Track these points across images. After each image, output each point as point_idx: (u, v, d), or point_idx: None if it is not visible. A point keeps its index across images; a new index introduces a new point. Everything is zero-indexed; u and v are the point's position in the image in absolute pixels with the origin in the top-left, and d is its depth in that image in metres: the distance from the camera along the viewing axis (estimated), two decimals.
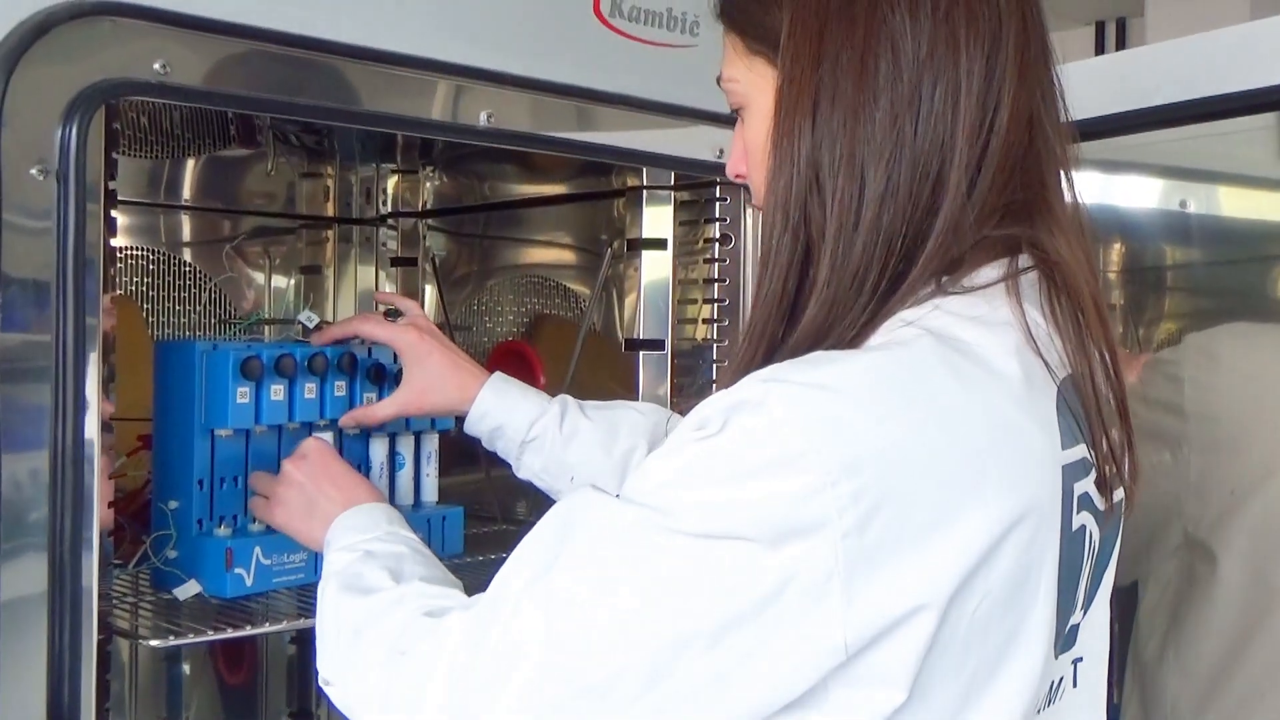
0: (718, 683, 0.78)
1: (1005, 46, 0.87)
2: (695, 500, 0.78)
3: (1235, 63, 1.39)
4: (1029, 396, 0.85)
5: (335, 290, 2.12)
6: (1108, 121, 1.37)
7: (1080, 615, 0.94)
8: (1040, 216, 0.91)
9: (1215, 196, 1.78)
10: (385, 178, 2.10)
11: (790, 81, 0.88)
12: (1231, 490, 1.38)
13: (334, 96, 1.25)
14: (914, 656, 0.78)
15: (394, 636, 0.93)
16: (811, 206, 0.87)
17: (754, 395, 0.78)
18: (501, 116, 1.36)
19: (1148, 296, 1.90)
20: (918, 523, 0.77)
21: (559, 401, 1.39)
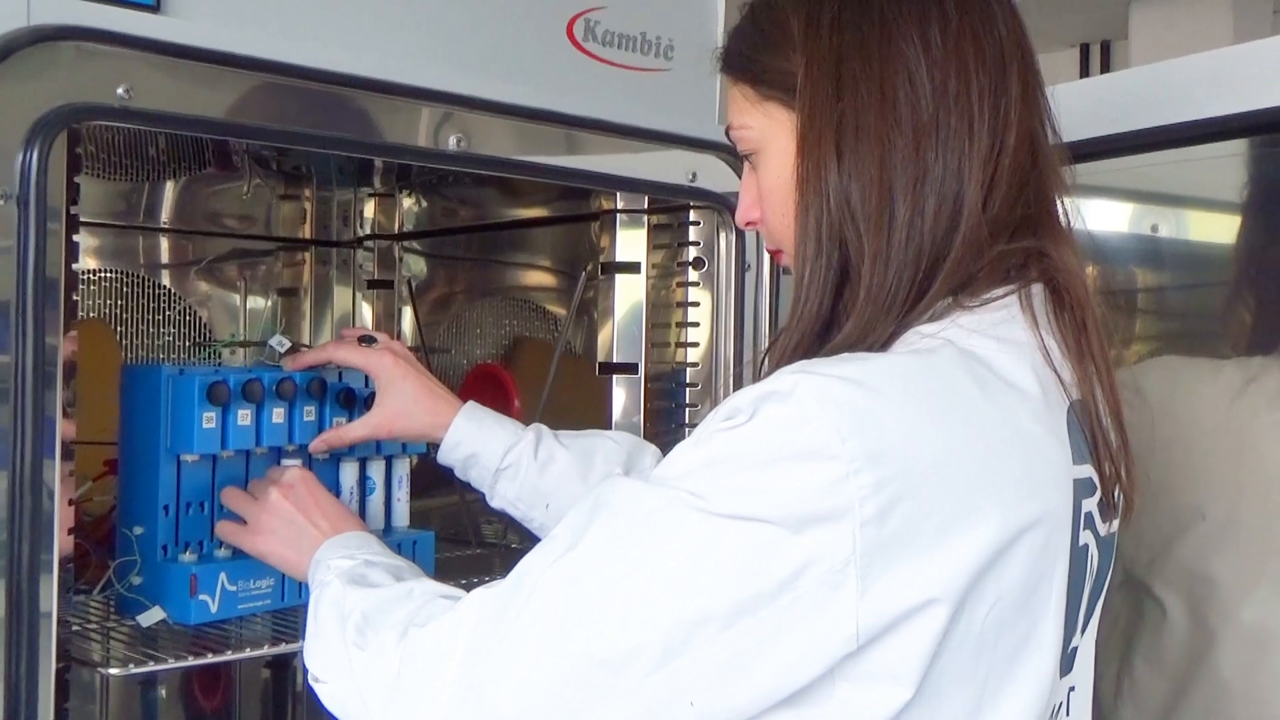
0: (730, 664, 0.80)
1: (1010, 72, 0.93)
2: (721, 484, 0.81)
3: (1207, 89, 1.39)
4: (1046, 412, 0.88)
5: (312, 313, 2.12)
6: (1081, 146, 1.37)
7: (1079, 638, 0.97)
8: (1046, 229, 0.96)
9: (1186, 221, 1.79)
10: (363, 201, 2.10)
11: (812, 120, 0.93)
12: (1163, 532, 1.37)
13: (301, 121, 1.25)
14: (923, 653, 0.80)
15: (409, 615, 0.95)
16: (846, 234, 0.91)
17: (784, 386, 0.81)
18: (472, 141, 1.36)
19: (1119, 320, 1.90)
20: (936, 518, 0.80)
21: (533, 430, 1.39)
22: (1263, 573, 1.32)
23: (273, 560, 1.26)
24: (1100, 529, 0.95)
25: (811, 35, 0.93)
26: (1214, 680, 1.35)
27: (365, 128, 1.30)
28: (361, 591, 1.04)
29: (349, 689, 0.98)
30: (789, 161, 0.95)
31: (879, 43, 0.91)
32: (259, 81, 1.23)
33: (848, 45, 0.92)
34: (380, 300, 2.11)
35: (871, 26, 0.92)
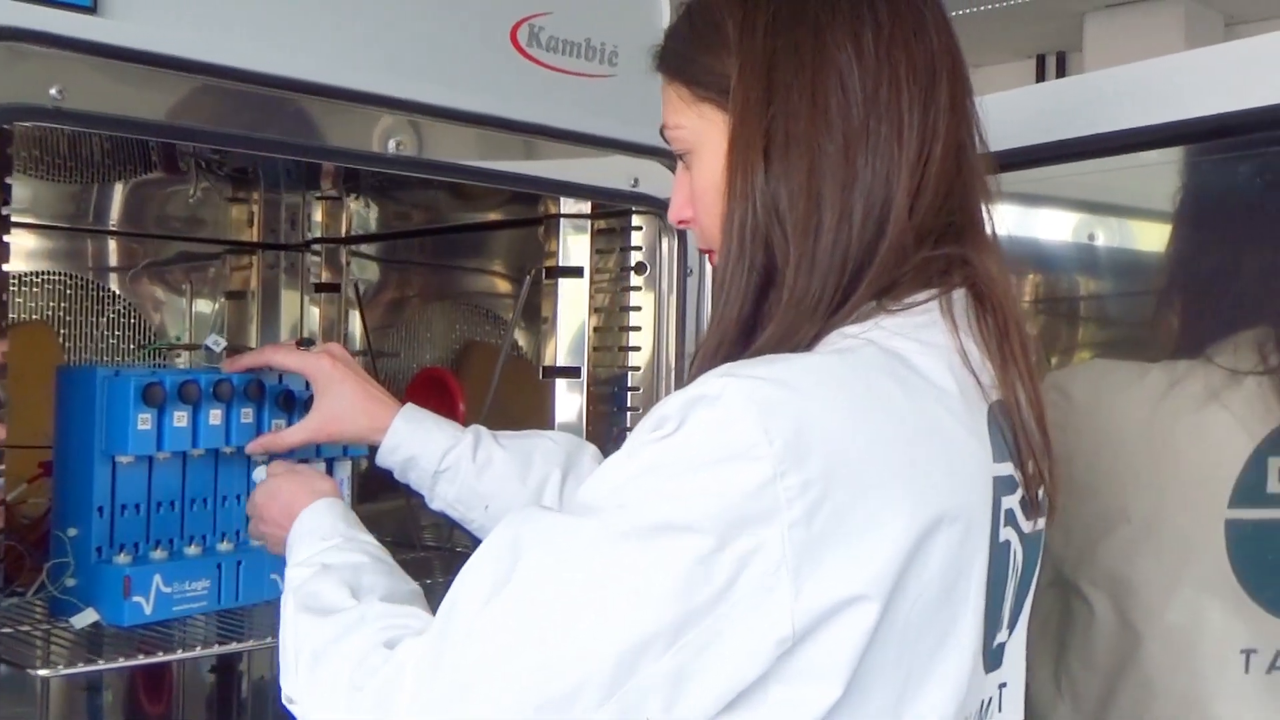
0: (676, 680, 0.80)
1: (940, 83, 0.94)
2: (654, 495, 0.81)
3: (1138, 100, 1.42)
4: (965, 410, 0.90)
5: (260, 316, 2.11)
6: (1021, 154, 1.39)
7: (1006, 634, 0.98)
8: (970, 238, 0.97)
9: (1121, 229, 1.82)
10: (311, 204, 2.10)
11: (744, 122, 0.93)
12: (1089, 532, 1.39)
13: (238, 124, 1.26)
14: (853, 650, 0.81)
15: (351, 668, 0.93)
16: (772, 237, 0.92)
17: (711, 390, 0.82)
18: (411, 145, 1.36)
19: (1060, 327, 1.93)
20: (861, 513, 0.81)
21: (472, 431, 1.39)
22: (1184, 574, 1.34)
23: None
24: (1024, 527, 0.97)
25: (746, 39, 0.94)
26: (1141, 679, 1.38)
27: (303, 131, 1.31)
28: (312, 622, 1.01)
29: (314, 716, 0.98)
30: (721, 162, 0.95)
31: (812, 49, 0.92)
32: (197, 84, 1.24)
33: (781, 51, 0.93)
34: (328, 304, 2.11)
35: (805, 32, 0.93)
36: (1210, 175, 1.54)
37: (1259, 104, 1.30)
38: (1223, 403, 1.34)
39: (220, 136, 1.26)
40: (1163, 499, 1.36)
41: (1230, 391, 1.34)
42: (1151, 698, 1.37)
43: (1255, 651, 1.32)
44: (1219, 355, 1.37)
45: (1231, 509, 1.33)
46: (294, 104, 1.30)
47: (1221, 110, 1.33)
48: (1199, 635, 1.34)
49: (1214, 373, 1.36)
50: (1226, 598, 1.33)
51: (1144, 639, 1.37)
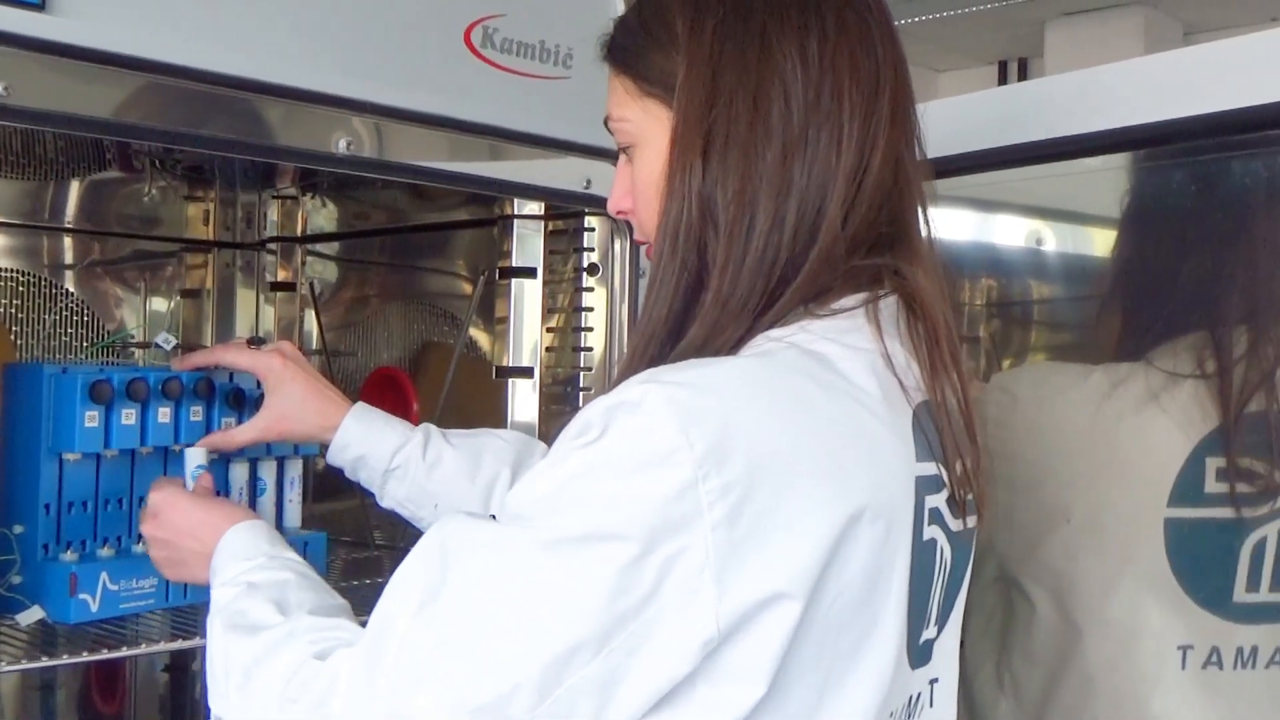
0: (606, 684, 0.81)
1: (883, 95, 0.95)
2: (580, 503, 0.82)
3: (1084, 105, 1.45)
4: (886, 410, 0.90)
5: (215, 315, 2.11)
6: (966, 159, 1.41)
7: (934, 631, 0.99)
8: (902, 249, 0.98)
9: (1070, 234, 1.85)
10: (267, 203, 2.10)
11: (686, 122, 0.94)
12: (1032, 530, 1.42)
13: (185, 121, 1.26)
14: (776, 648, 0.82)
15: (284, 682, 0.93)
16: (704, 237, 0.93)
17: (632, 397, 0.83)
18: (360, 144, 1.37)
19: (1011, 330, 1.95)
20: (781, 514, 0.82)
21: (422, 430, 1.40)
22: (1124, 572, 1.37)
23: (179, 580, 1.28)
24: (952, 525, 0.97)
25: (695, 40, 0.95)
26: (1081, 675, 1.40)
27: (253, 130, 1.31)
28: (240, 641, 1.01)
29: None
30: (662, 159, 0.96)
31: (758, 55, 0.93)
32: (146, 82, 1.23)
33: (728, 55, 0.93)
34: (284, 303, 2.11)
35: (752, 38, 0.93)
36: (1153, 181, 1.57)
37: (1202, 111, 1.32)
38: (1161, 405, 1.37)
39: (170, 135, 1.26)
40: (1104, 498, 1.38)
41: (1169, 394, 1.37)
42: (1091, 693, 1.39)
43: (1192, 648, 1.35)
44: (1159, 359, 1.40)
45: (1170, 508, 1.35)
46: (243, 103, 1.30)
47: (1165, 117, 1.36)
48: (1138, 632, 1.36)
49: (1154, 375, 1.39)
50: (1165, 595, 1.35)
51: (1084, 635, 1.39)
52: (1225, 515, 1.34)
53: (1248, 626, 1.35)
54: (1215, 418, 1.35)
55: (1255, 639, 1.35)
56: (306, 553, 1.55)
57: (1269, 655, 1.35)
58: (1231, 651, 1.35)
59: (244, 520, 1.21)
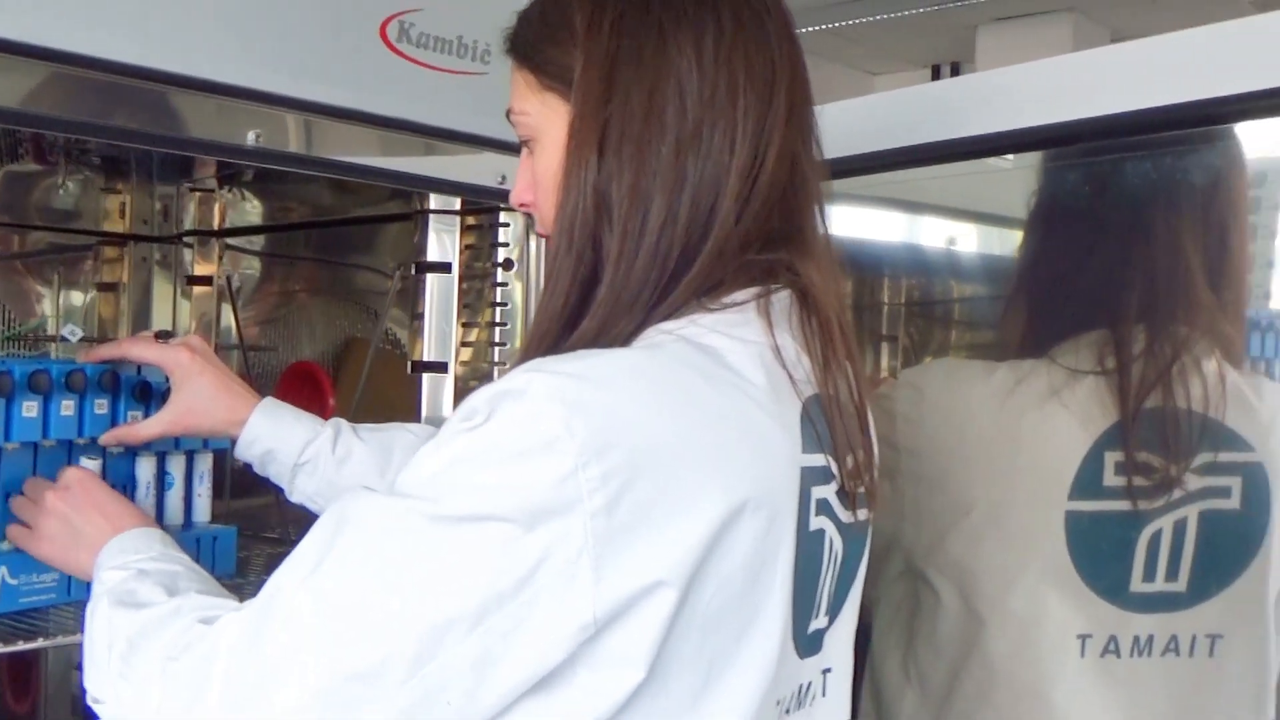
0: (480, 663, 0.82)
1: (778, 93, 0.96)
2: (461, 487, 0.83)
3: (994, 105, 1.47)
4: (773, 402, 0.91)
5: (132, 309, 2.09)
6: (869, 159, 1.44)
7: (825, 621, 1.00)
8: (796, 245, 0.99)
9: (982, 233, 1.88)
10: (184, 196, 2.07)
11: (582, 117, 0.95)
12: (937, 523, 1.44)
13: (90, 111, 1.24)
14: (654, 635, 0.84)
15: (169, 644, 0.94)
16: (599, 231, 0.94)
17: (517, 384, 0.83)
18: (271, 137, 1.36)
19: (927, 328, 1.98)
20: (661, 504, 0.83)
21: (332, 424, 1.40)
22: (1026, 563, 1.40)
23: (53, 563, 1.25)
24: (842, 517, 0.99)
25: (593, 35, 0.95)
26: (985, 664, 1.43)
27: (161, 121, 1.30)
28: (127, 614, 1.01)
29: (121, 716, 0.97)
30: (560, 153, 0.97)
31: (654, 51, 0.94)
32: (54, 71, 1.22)
33: (624, 51, 0.94)
34: (202, 297, 2.09)
35: (649, 34, 0.94)
36: (1056, 181, 1.60)
37: (1105, 112, 1.36)
38: (1062, 400, 1.40)
39: (76, 125, 1.24)
40: (1006, 491, 1.41)
41: (1070, 390, 1.40)
42: (994, 683, 1.42)
43: (1090, 636, 1.38)
44: (1061, 356, 1.43)
45: (1071, 501, 1.39)
46: (153, 94, 1.29)
47: (1070, 118, 1.39)
48: (1038, 622, 1.39)
49: (1056, 372, 1.42)
50: (1065, 586, 1.39)
51: (987, 626, 1.42)
52: (1123, 508, 1.38)
53: (1144, 615, 1.39)
54: (1114, 413, 1.38)
55: (1151, 628, 1.39)
56: (216, 547, 1.54)
57: (1164, 643, 1.39)
58: (1129, 640, 1.39)
59: (147, 525, 1.21)
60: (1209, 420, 1.36)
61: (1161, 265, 1.43)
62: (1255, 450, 1.38)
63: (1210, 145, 1.45)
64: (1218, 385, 1.37)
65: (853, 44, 7.21)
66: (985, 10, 6.52)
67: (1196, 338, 1.39)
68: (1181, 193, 1.46)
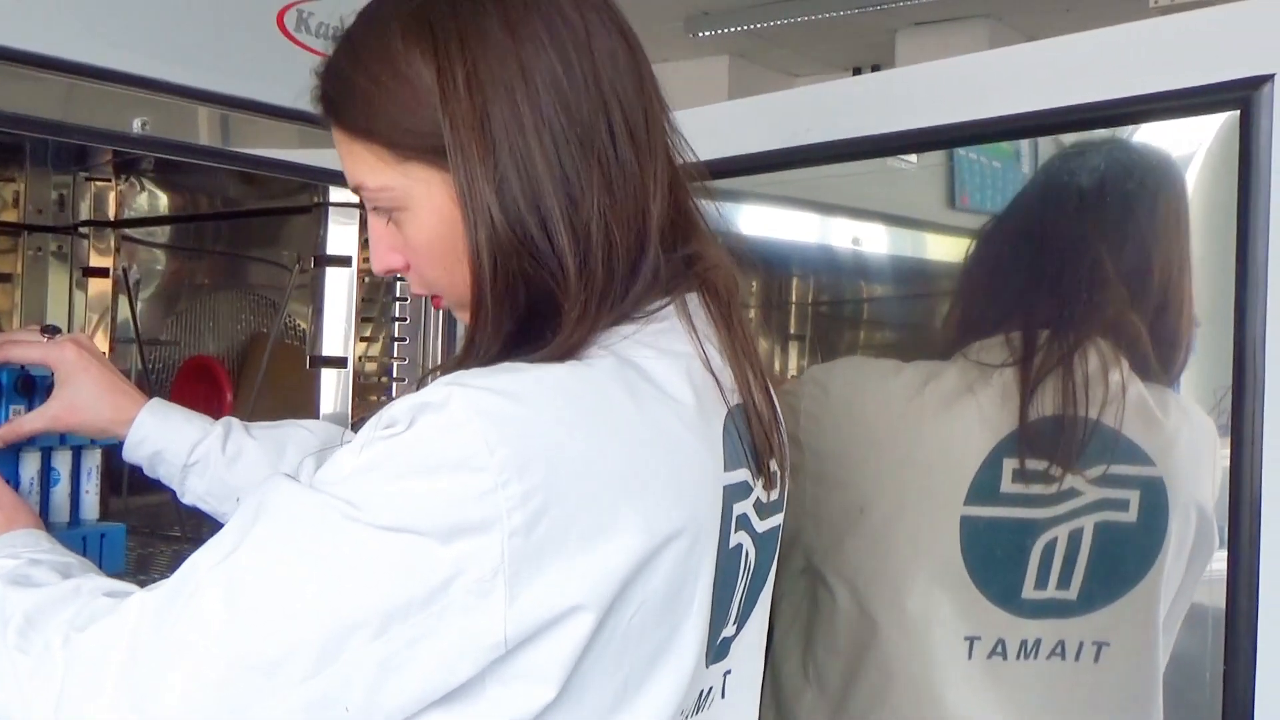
0: (383, 668, 0.80)
1: (645, 74, 0.95)
2: (377, 493, 0.81)
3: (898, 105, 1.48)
4: (699, 420, 0.90)
5: (25, 300, 2.03)
6: (758, 159, 1.43)
7: (733, 630, 0.99)
8: (695, 234, 0.99)
9: (886, 234, 1.89)
10: (81, 185, 2.02)
11: (471, 179, 0.87)
12: (836, 524, 1.45)
13: None
14: (568, 656, 0.82)
15: (73, 616, 0.91)
16: (529, 273, 0.88)
17: (438, 397, 0.81)
18: (159, 125, 1.33)
19: (833, 329, 1.99)
20: (582, 526, 0.81)
21: (223, 424, 1.36)
22: (920, 567, 1.41)
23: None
24: (758, 527, 0.98)
25: (450, 92, 0.88)
26: (879, 665, 1.43)
27: (44, 107, 1.26)
28: (23, 592, 0.98)
29: (14, 694, 0.93)
30: (441, 217, 0.91)
31: (520, 78, 0.88)
32: None
33: (491, 99, 0.88)
34: (99, 289, 2.04)
35: (506, 64, 0.88)
36: (973, 179, 1.61)
37: (1005, 112, 1.36)
38: (975, 394, 1.40)
39: None
40: (903, 494, 1.42)
41: (982, 385, 1.40)
42: (889, 683, 1.43)
43: (979, 639, 1.40)
44: (974, 353, 1.43)
45: (967, 506, 1.39)
46: (38, 79, 1.26)
47: (965, 118, 1.39)
48: (930, 624, 1.40)
49: (969, 368, 1.42)
50: (956, 589, 1.39)
51: (881, 627, 1.43)
52: (1018, 515, 1.39)
53: (1033, 621, 1.40)
54: (1017, 417, 1.39)
55: (1039, 632, 1.40)
56: (104, 544, 1.50)
57: (1050, 647, 1.40)
58: (1016, 644, 1.40)
59: (37, 527, 1.17)
60: (1106, 429, 1.36)
61: (1075, 270, 1.43)
62: (1155, 465, 1.37)
63: (1129, 153, 1.44)
64: (1118, 395, 1.36)
65: (775, 45, 7.25)
66: (904, 15, 6.59)
67: (1104, 344, 1.38)
68: (1101, 199, 1.46)
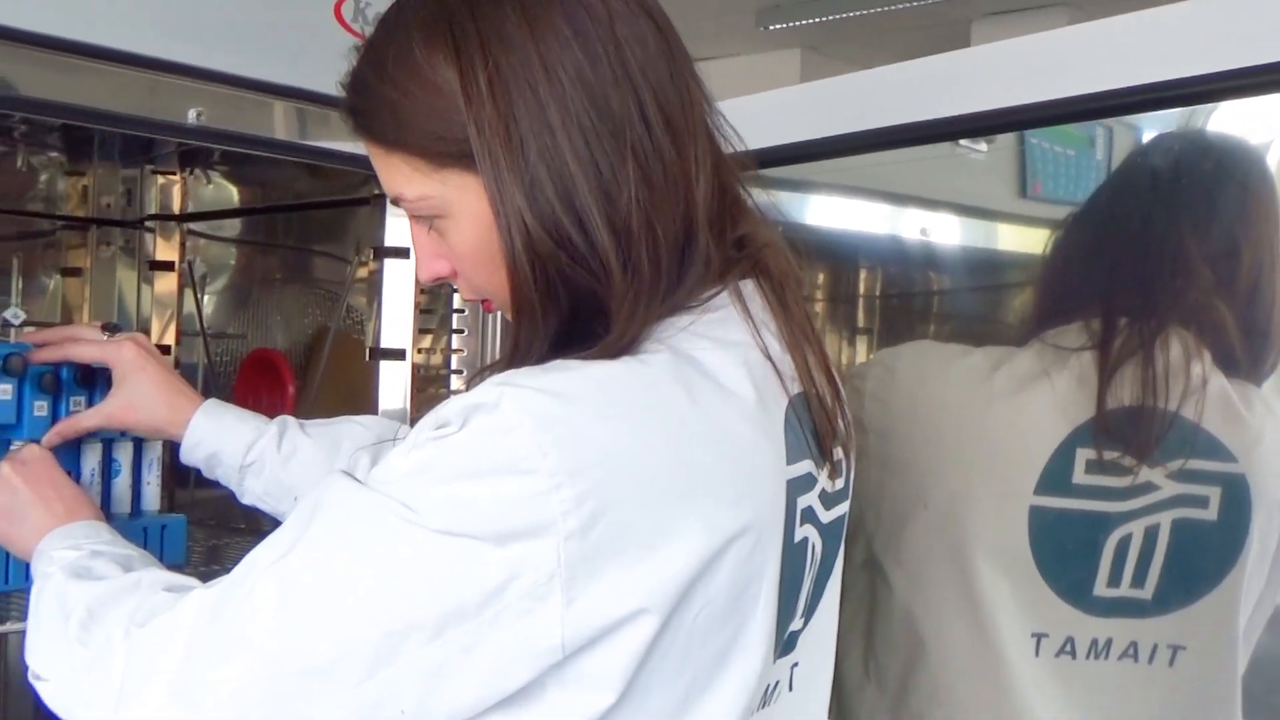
0: (437, 674, 0.79)
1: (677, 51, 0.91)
2: (431, 496, 0.80)
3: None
4: (759, 413, 0.87)
5: (93, 294, 2.05)
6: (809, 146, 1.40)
7: (800, 622, 0.97)
8: (744, 217, 0.97)
9: (956, 224, 1.84)
10: (148, 178, 2.04)
11: (500, 184, 0.85)
12: (898, 511, 1.41)
13: (26, 87, 1.21)
14: (630, 661, 0.81)
15: (133, 610, 0.92)
16: (574, 277, 0.86)
17: (490, 398, 0.80)
18: (215, 116, 1.33)
19: (896, 322, 1.95)
20: (640, 529, 0.79)
21: (278, 423, 1.36)
22: (985, 558, 1.36)
23: (6, 540, 1.21)
24: (823, 518, 0.96)
25: (475, 99, 0.85)
26: (941, 660, 1.40)
27: (100, 98, 1.27)
28: (85, 585, 1.00)
29: (72, 687, 0.95)
30: (485, 222, 0.88)
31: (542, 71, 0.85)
32: None
33: (517, 100, 0.85)
34: (165, 284, 2.05)
35: (528, 60, 0.85)
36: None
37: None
38: (1050, 378, 1.35)
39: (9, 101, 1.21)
40: (970, 480, 1.37)
41: (1058, 369, 1.35)
42: (951, 679, 1.39)
43: (1046, 636, 1.35)
44: (1051, 336, 1.38)
45: (1037, 495, 1.35)
46: (91, 70, 1.26)
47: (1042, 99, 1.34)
48: (995, 619, 1.36)
49: (1045, 351, 1.37)
50: (1023, 583, 1.35)
51: (943, 619, 1.38)
52: (1092, 508, 1.34)
53: (1104, 619, 1.35)
54: (1093, 406, 1.33)
55: (1110, 632, 1.35)
56: (165, 536, 1.51)
57: (1122, 648, 1.35)
58: (1086, 643, 1.35)
59: (98, 518, 1.19)
60: (1185, 422, 1.32)
61: (1157, 256, 1.37)
62: (1238, 461, 1.33)
63: (1215, 138, 1.39)
64: (1199, 387, 1.32)
65: (846, 38, 7.18)
66: (980, 4, 6.49)
67: (1186, 334, 1.33)
68: (1186, 185, 1.41)
